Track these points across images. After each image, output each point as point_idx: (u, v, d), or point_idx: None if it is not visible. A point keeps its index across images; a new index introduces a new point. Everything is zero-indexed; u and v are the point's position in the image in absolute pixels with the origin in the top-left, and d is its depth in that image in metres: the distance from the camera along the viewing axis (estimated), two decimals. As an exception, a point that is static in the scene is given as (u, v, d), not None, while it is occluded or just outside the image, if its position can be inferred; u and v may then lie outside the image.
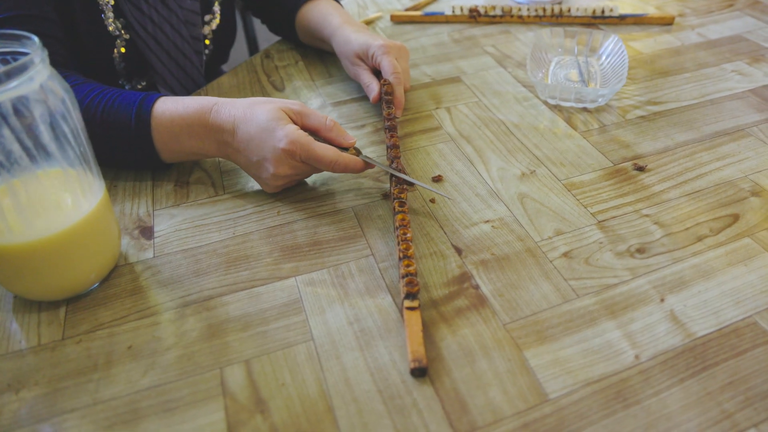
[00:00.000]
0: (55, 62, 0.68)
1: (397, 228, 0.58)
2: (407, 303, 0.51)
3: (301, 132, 0.61)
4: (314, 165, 0.62)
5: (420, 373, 0.47)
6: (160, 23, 0.81)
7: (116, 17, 0.77)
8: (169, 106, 0.64)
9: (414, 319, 0.50)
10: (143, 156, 0.66)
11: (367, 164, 0.64)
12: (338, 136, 0.64)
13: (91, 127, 0.62)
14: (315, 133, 0.64)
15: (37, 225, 0.49)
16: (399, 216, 0.59)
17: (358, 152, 0.65)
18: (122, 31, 0.78)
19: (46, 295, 0.54)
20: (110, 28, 0.77)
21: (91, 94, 0.64)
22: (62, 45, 0.71)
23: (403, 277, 0.53)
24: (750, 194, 0.65)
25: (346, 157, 0.63)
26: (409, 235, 0.57)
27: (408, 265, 0.54)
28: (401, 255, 0.55)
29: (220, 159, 0.72)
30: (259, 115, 0.62)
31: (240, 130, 0.62)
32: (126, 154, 0.66)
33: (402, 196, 0.61)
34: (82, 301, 0.55)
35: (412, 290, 0.52)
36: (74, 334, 0.52)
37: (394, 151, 0.67)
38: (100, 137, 0.63)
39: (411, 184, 0.64)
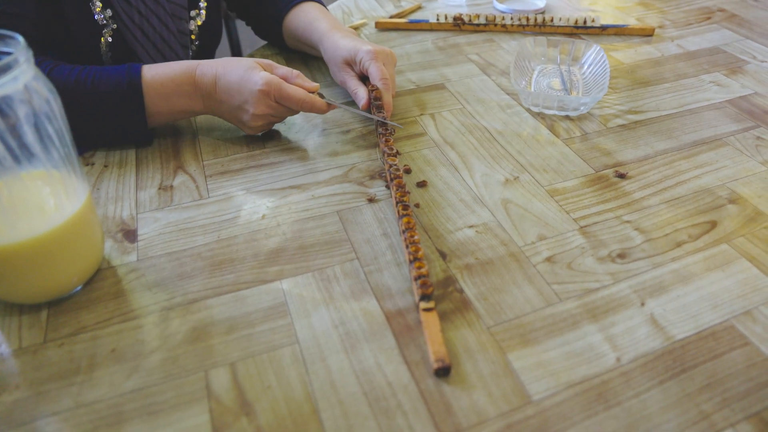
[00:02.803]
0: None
1: (404, 231, 0.58)
2: (423, 305, 0.52)
3: (274, 76, 0.71)
4: (286, 105, 0.72)
5: (444, 372, 0.47)
6: (147, 15, 0.82)
7: (104, 7, 0.78)
8: (156, 71, 0.71)
9: (431, 320, 0.51)
10: (131, 122, 0.71)
11: (330, 105, 0.74)
12: (303, 82, 0.74)
13: (82, 97, 0.67)
14: (284, 80, 0.72)
15: (20, 227, 0.49)
16: (405, 219, 0.59)
17: (321, 96, 0.74)
18: (109, 20, 0.79)
19: (28, 297, 0.53)
20: (97, 18, 0.78)
21: (77, 69, 0.69)
22: (37, 45, 0.72)
23: (416, 279, 0.53)
24: (727, 202, 0.66)
25: (313, 97, 0.72)
26: (416, 237, 0.57)
27: (420, 267, 0.54)
28: (411, 258, 0.55)
29: (204, 162, 0.72)
30: (237, 67, 0.71)
31: (221, 81, 0.71)
32: (114, 121, 0.70)
33: (405, 199, 0.62)
34: (64, 304, 0.54)
35: (427, 291, 0.52)
36: (56, 337, 0.51)
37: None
38: (90, 107, 0.68)
39: (384, 124, 0.73)
